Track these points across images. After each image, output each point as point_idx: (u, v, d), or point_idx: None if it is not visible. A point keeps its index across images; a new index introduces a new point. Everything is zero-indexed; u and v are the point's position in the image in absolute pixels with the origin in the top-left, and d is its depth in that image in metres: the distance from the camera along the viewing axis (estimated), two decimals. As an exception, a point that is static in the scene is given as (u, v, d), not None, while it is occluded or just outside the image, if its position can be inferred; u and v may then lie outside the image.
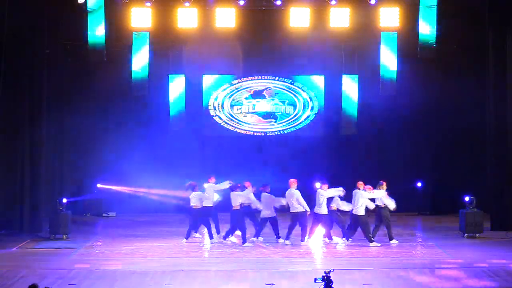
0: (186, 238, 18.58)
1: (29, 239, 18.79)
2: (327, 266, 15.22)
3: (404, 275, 15.03)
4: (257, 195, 18.63)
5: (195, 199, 18.59)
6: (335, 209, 18.51)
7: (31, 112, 20.22)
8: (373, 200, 18.23)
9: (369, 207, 18.18)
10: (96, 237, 19.51)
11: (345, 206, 18.43)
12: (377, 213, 18.40)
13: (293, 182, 18.44)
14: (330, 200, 18.38)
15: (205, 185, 18.96)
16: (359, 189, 18.30)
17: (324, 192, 18.30)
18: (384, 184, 18.43)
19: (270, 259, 16.76)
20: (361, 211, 18.11)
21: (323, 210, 18.23)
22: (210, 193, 18.83)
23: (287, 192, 18.34)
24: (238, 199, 18.19)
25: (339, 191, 18.38)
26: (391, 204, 18.25)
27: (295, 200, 18.18)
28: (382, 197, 18.26)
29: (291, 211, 18.29)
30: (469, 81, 22.53)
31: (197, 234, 19.08)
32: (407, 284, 14.31)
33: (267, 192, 18.47)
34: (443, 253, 17.33)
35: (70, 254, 17.17)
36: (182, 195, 19.82)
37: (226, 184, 18.71)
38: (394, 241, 18.34)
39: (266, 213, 18.41)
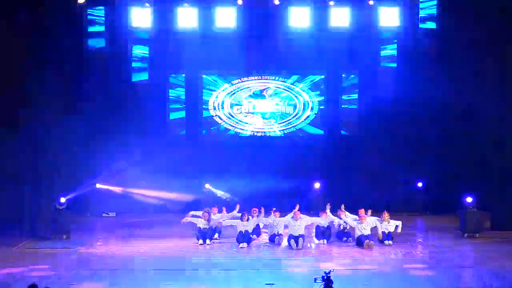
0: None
1: (29, 239, 18.79)
2: (327, 266, 15.23)
3: (404, 275, 15.03)
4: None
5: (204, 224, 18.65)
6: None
7: (31, 112, 20.20)
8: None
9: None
10: (96, 237, 19.49)
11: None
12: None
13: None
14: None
15: (213, 217, 18.88)
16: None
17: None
18: (385, 213, 18.57)
19: (270, 259, 16.75)
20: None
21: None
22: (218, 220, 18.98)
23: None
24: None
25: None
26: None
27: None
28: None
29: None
30: (470, 81, 22.51)
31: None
32: (407, 284, 14.31)
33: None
34: (443, 253, 17.32)
35: (70, 254, 17.17)
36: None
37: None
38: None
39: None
